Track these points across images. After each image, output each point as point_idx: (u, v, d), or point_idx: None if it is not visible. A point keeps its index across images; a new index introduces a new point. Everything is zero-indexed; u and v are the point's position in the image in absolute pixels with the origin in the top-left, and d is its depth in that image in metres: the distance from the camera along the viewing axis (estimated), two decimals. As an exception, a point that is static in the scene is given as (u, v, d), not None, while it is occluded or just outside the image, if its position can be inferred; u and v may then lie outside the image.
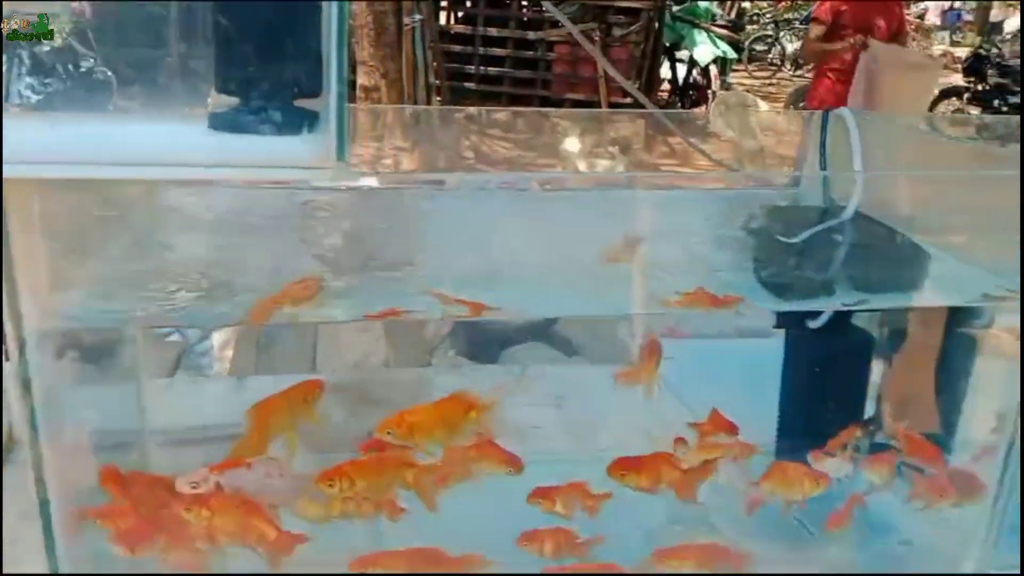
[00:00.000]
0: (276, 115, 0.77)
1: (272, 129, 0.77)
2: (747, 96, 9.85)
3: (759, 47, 14.09)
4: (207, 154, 0.80)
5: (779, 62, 13.94)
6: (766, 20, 15.17)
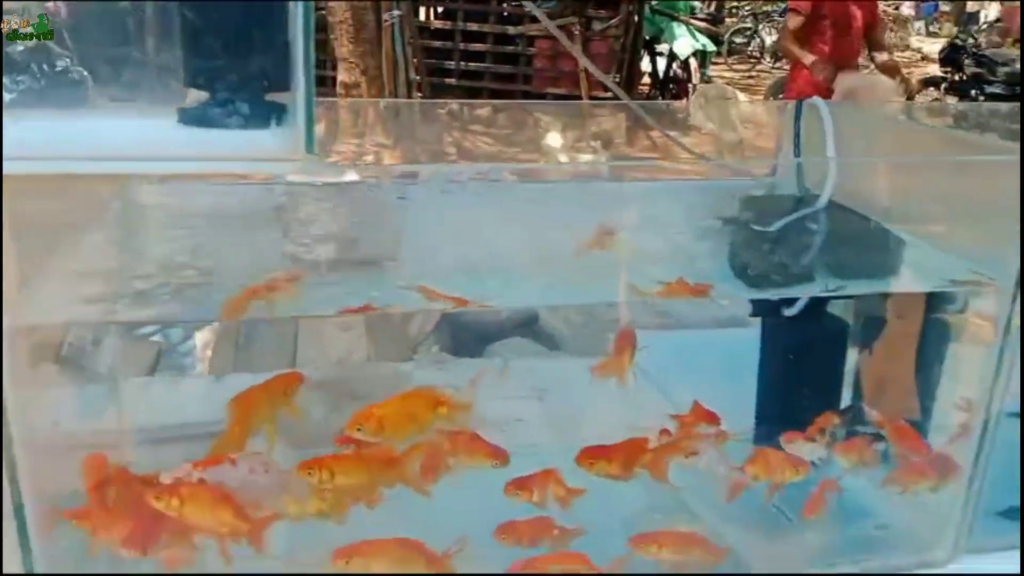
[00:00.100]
0: (244, 108, 0.77)
1: (241, 122, 0.77)
2: (727, 89, 9.89)
3: (738, 40, 14.15)
4: (177, 148, 0.80)
5: (758, 55, 14.00)
6: (745, 13, 15.22)
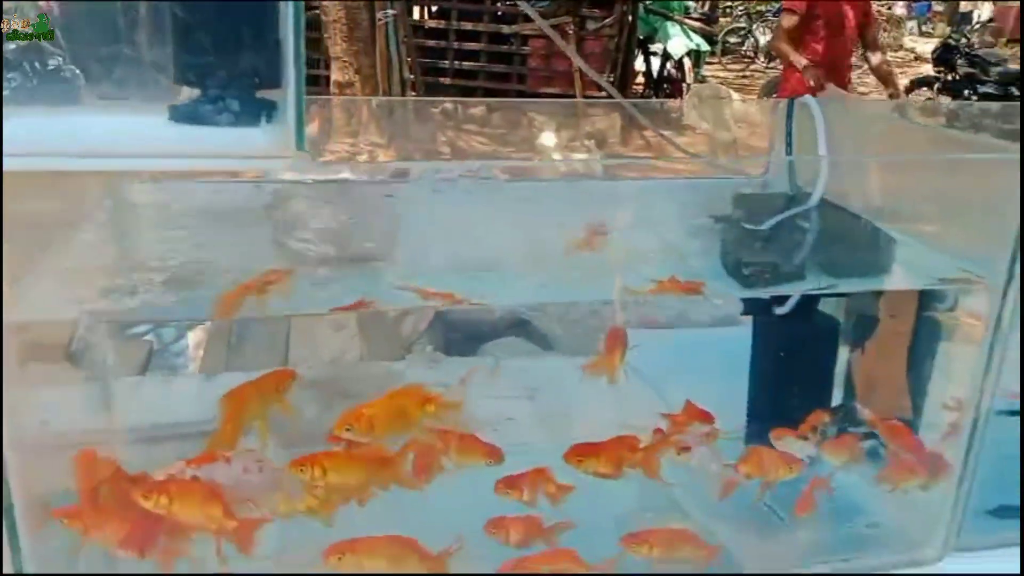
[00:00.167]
0: (235, 106, 0.77)
1: (231, 119, 0.77)
2: (720, 88, 9.92)
3: (732, 40, 14.17)
4: (168, 145, 0.80)
5: (752, 54, 14.02)
6: (739, 13, 15.24)
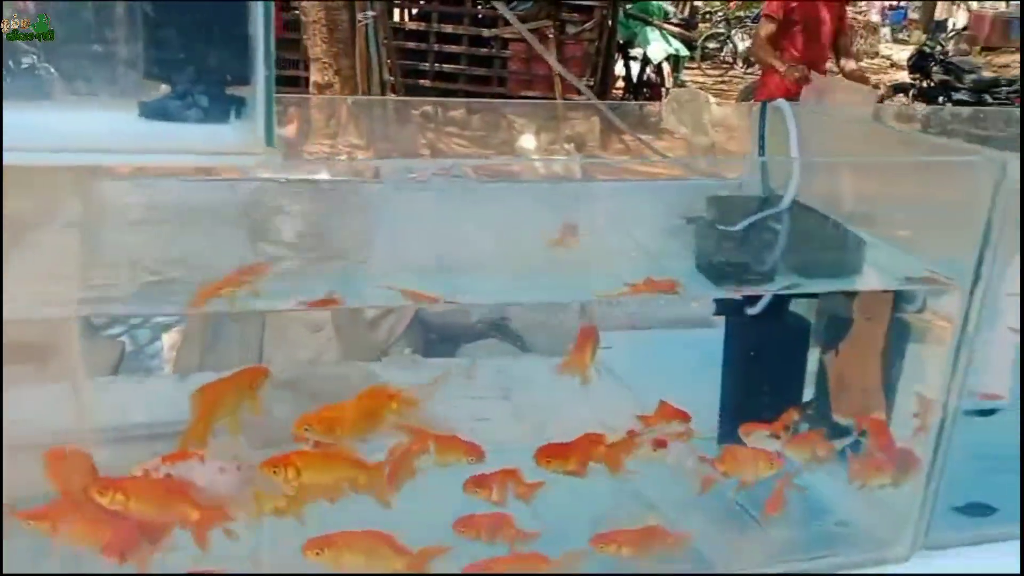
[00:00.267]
0: (204, 102, 0.77)
1: (200, 116, 0.77)
2: (699, 93, 9.97)
3: (711, 45, 14.28)
4: (137, 141, 0.80)
5: (731, 60, 14.14)
6: (718, 18, 15.37)
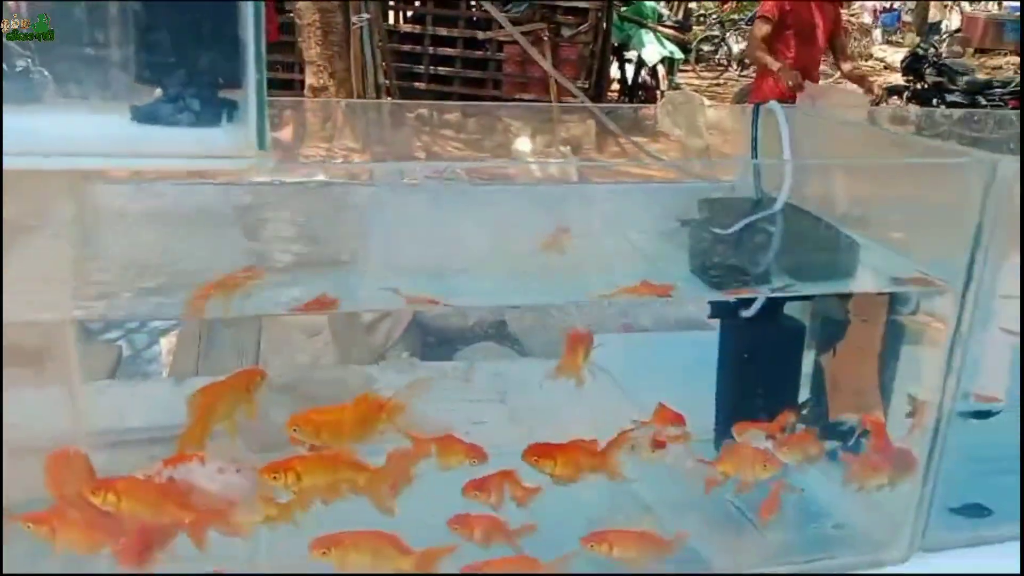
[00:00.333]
0: (196, 106, 0.77)
1: (192, 119, 0.77)
2: (694, 95, 9.99)
3: (706, 47, 14.32)
4: (129, 145, 0.80)
5: (726, 62, 14.18)
6: (712, 21, 15.41)
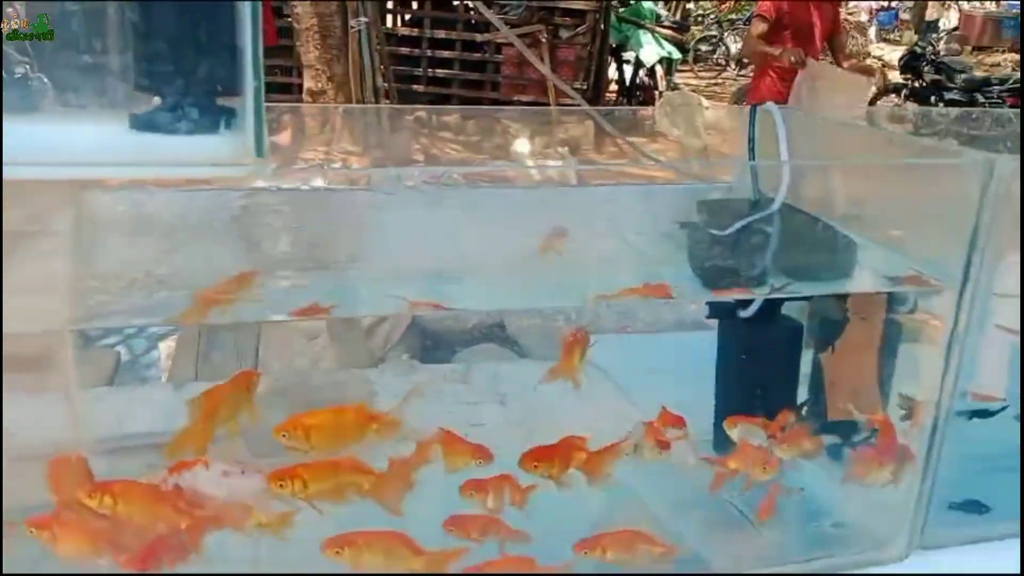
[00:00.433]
0: (194, 113, 0.77)
1: (190, 127, 0.77)
2: (692, 96, 10.00)
3: (704, 48, 14.32)
4: (127, 153, 0.80)
5: (724, 62, 14.18)
6: (710, 21, 15.42)
